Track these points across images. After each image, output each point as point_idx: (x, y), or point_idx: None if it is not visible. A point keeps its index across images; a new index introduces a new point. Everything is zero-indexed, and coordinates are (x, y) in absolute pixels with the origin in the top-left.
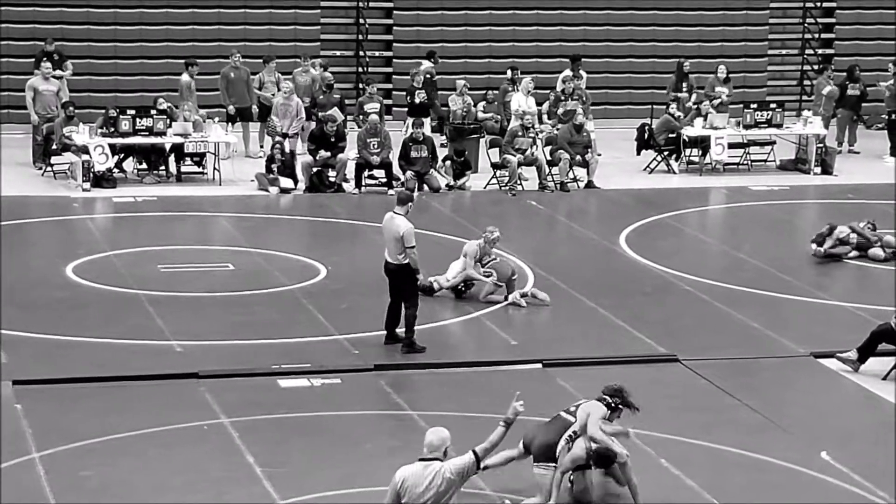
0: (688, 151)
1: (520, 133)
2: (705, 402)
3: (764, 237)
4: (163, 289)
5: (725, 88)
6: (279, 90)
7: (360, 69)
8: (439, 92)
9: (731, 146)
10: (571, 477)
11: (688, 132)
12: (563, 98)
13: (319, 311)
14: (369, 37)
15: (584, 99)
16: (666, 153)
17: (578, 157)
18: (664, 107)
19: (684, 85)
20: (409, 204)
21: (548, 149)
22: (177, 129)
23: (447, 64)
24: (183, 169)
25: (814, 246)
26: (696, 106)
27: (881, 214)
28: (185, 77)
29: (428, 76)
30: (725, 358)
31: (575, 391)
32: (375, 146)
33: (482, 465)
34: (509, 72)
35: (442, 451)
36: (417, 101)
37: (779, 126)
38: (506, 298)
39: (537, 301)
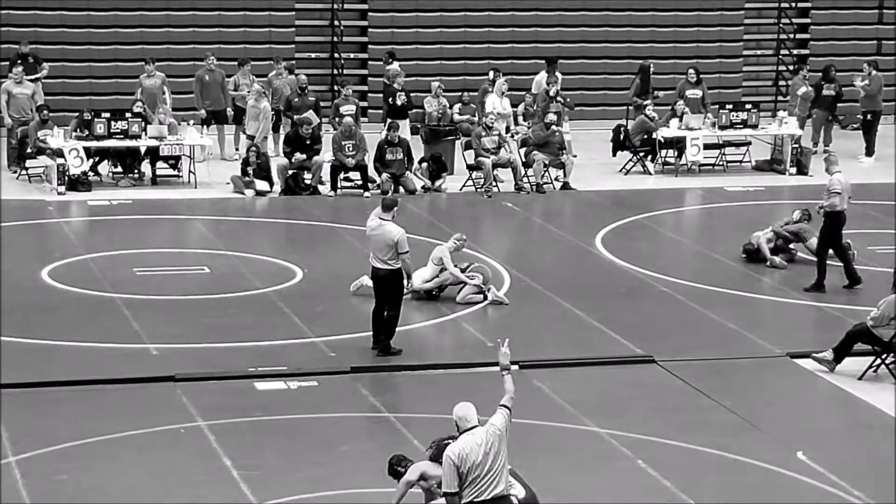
0: (663, 152)
1: (484, 133)
2: (682, 403)
3: (740, 238)
4: (139, 292)
5: (698, 90)
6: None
7: (336, 71)
8: (414, 94)
9: (707, 147)
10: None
11: (663, 133)
12: (555, 100)
13: (295, 314)
14: (344, 39)
15: (567, 101)
16: (641, 154)
17: (552, 157)
18: (635, 109)
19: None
20: (395, 209)
21: (523, 150)
22: (152, 132)
23: (422, 66)
24: (158, 172)
25: (777, 259)
26: (670, 108)
27: (858, 216)
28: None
29: (392, 78)
30: (701, 359)
31: (551, 392)
32: (350, 149)
33: None
34: (491, 73)
35: (476, 418)
36: (399, 103)
37: (754, 127)
38: (485, 298)
39: (497, 300)
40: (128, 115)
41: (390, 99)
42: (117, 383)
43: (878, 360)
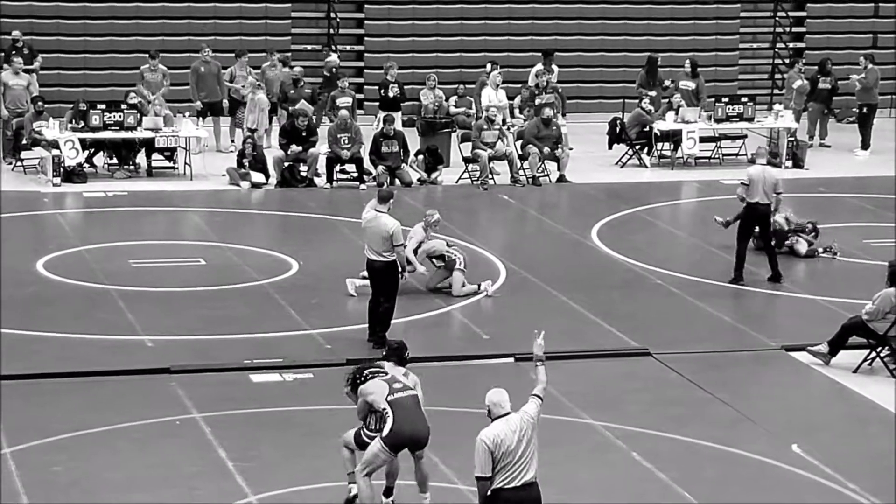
0: (659, 145)
1: (485, 127)
2: (677, 396)
3: (735, 231)
4: (134, 284)
5: (692, 83)
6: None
7: None
8: (411, 86)
9: (703, 140)
10: None
11: (659, 126)
12: (537, 92)
13: (291, 306)
14: (340, 31)
15: (560, 92)
16: (637, 147)
17: (548, 150)
18: (636, 101)
19: (661, 81)
20: (391, 201)
21: (519, 143)
22: (147, 124)
23: (419, 58)
24: (154, 164)
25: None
26: (667, 100)
27: (854, 209)
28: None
29: (333, 70)
30: (697, 351)
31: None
32: (346, 141)
33: None
34: (488, 66)
35: (509, 404)
36: (391, 95)
37: (750, 120)
38: (479, 288)
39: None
40: (123, 106)
41: (381, 91)
42: (112, 375)
43: (873, 354)
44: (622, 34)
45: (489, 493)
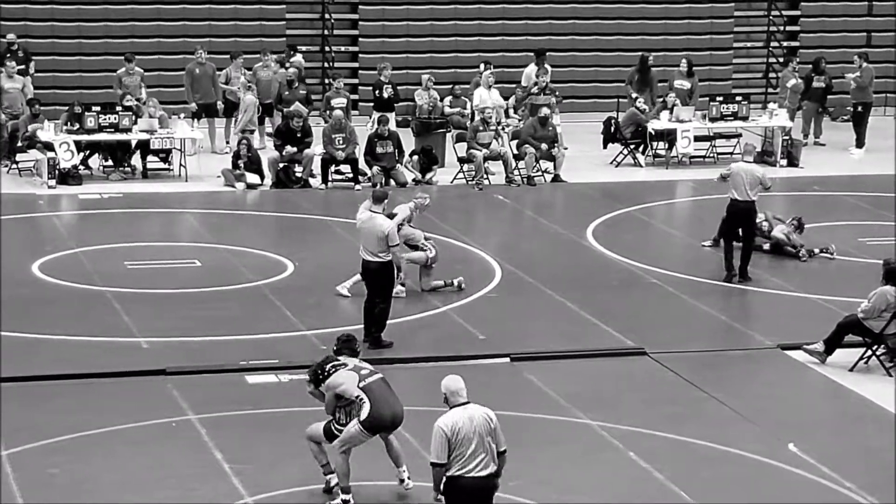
0: (654, 144)
1: (481, 128)
2: (673, 395)
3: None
4: (130, 285)
5: (687, 82)
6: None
7: (326, 64)
8: (405, 87)
9: (697, 139)
10: None
11: (654, 125)
12: (536, 92)
13: (287, 307)
14: (335, 32)
15: (556, 93)
16: (632, 146)
17: (545, 147)
18: (630, 100)
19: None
20: (386, 201)
21: (514, 143)
22: (142, 126)
23: (413, 59)
24: (149, 165)
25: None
26: (661, 99)
27: (849, 207)
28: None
29: (297, 70)
30: (693, 351)
31: (542, 385)
32: (341, 142)
33: None
34: (482, 66)
35: (465, 391)
36: (385, 95)
37: (745, 118)
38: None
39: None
40: (118, 108)
41: (375, 92)
42: (108, 377)
43: (869, 352)
44: (616, 34)
45: (444, 479)
